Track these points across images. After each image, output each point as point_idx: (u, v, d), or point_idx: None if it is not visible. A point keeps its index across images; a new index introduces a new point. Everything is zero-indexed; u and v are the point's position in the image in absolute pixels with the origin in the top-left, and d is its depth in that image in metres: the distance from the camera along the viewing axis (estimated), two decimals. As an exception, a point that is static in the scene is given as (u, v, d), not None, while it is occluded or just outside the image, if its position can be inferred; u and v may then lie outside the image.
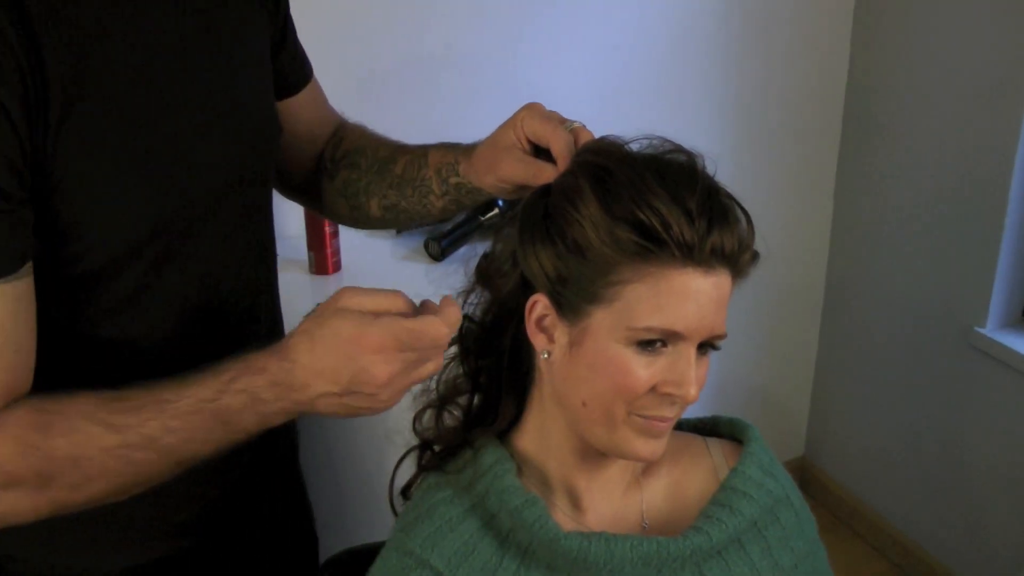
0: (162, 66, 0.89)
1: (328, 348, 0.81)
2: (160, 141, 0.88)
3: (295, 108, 1.15)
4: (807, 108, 2.36)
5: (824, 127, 2.40)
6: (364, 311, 0.82)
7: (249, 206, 1.03)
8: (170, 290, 0.94)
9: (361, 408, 0.84)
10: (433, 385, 0.96)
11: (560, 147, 0.88)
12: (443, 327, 0.83)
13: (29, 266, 0.82)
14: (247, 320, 1.05)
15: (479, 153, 0.99)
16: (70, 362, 0.91)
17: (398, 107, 1.83)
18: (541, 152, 0.92)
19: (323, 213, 1.24)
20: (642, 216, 0.79)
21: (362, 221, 1.18)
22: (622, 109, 2.05)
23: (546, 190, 0.87)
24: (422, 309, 0.85)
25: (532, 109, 0.94)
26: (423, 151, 1.09)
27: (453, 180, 1.04)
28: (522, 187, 0.93)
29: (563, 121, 0.92)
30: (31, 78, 0.78)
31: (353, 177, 1.15)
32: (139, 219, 0.88)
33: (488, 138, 0.98)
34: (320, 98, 1.21)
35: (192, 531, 1.06)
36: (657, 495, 0.95)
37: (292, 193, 1.24)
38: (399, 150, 1.13)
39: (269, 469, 1.16)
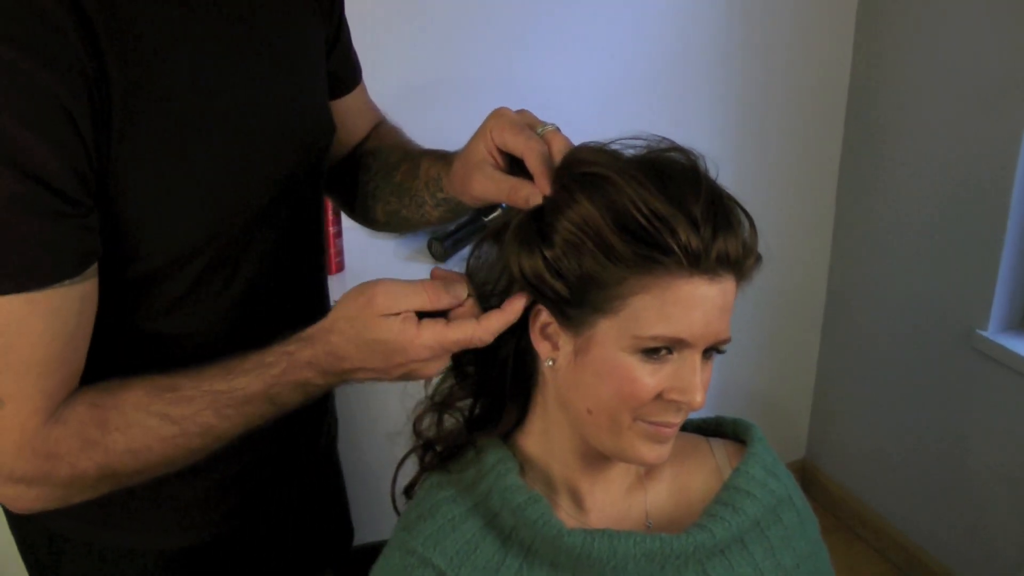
0: (219, 74, 0.90)
1: (376, 353, 0.85)
2: (217, 149, 0.90)
3: (342, 109, 1.16)
4: (809, 111, 2.36)
5: (826, 130, 2.40)
6: (407, 316, 0.84)
7: (302, 206, 1.05)
8: (223, 289, 0.96)
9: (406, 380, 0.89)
10: (430, 392, 0.96)
11: (534, 161, 0.85)
12: (487, 336, 0.85)
13: (94, 267, 0.84)
14: (298, 319, 1.07)
15: (455, 170, 0.98)
16: (122, 354, 0.93)
17: (403, 113, 1.83)
18: (515, 161, 0.89)
19: (345, 211, 1.25)
20: (646, 224, 0.78)
21: (371, 224, 1.20)
22: (623, 111, 2.05)
23: (538, 211, 0.84)
24: (451, 289, 0.86)
25: (500, 117, 0.90)
26: (418, 160, 1.09)
27: (440, 195, 1.04)
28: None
29: (535, 125, 0.89)
30: (96, 90, 0.79)
31: (363, 179, 1.16)
32: (196, 224, 0.90)
33: (461, 152, 0.96)
34: (365, 99, 1.22)
35: (237, 516, 1.09)
36: (661, 495, 0.95)
37: (325, 189, 1.26)
38: (405, 156, 1.12)
39: (311, 460, 1.19)
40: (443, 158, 1.05)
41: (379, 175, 1.14)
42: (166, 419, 0.85)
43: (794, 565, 0.93)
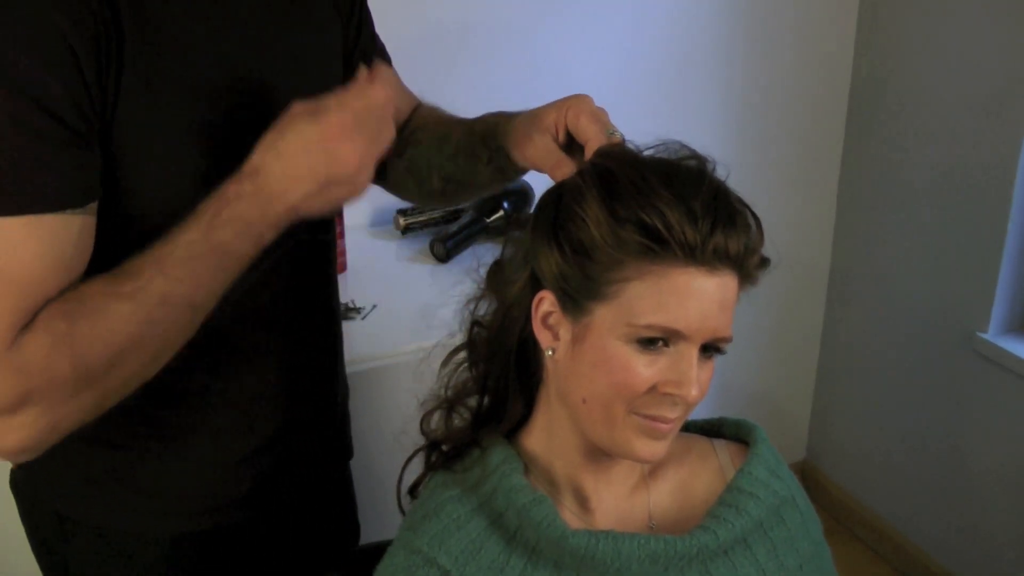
0: (231, 45, 0.92)
1: (298, 151, 0.86)
2: (222, 115, 0.91)
3: None
4: (810, 111, 2.36)
5: (827, 131, 2.40)
6: (313, 110, 0.87)
7: None
8: None
9: (342, 197, 0.89)
10: (442, 389, 0.97)
11: (593, 151, 0.89)
12: (378, 89, 0.89)
13: (94, 206, 0.85)
14: (303, 302, 1.09)
15: (518, 123, 1.01)
16: None
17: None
18: (575, 145, 0.93)
19: (396, 193, 1.26)
20: (645, 217, 0.80)
21: (427, 196, 1.21)
22: (624, 111, 2.03)
23: (560, 191, 0.88)
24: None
25: (583, 102, 0.94)
26: (472, 122, 1.12)
27: (494, 144, 1.06)
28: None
29: (607, 126, 0.92)
30: (106, 42, 0.82)
31: (416, 153, 1.18)
32: (196, 186, 0.90)
33: (531, 111, 0.99)
34: (398, 87, 1.23)
35: (242, 506, 1.10)
36: (664, 496, 0.96)
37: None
38: (458, 123, 1.15)
39: (320, 452, 1.19)
40: (503, 113, 1.08)
41: (432, 146, 1.16)
42: (122, 297, 0.83)
43: (797, 566, 0.94)
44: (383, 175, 1.24)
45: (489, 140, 1.07)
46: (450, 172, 1.13)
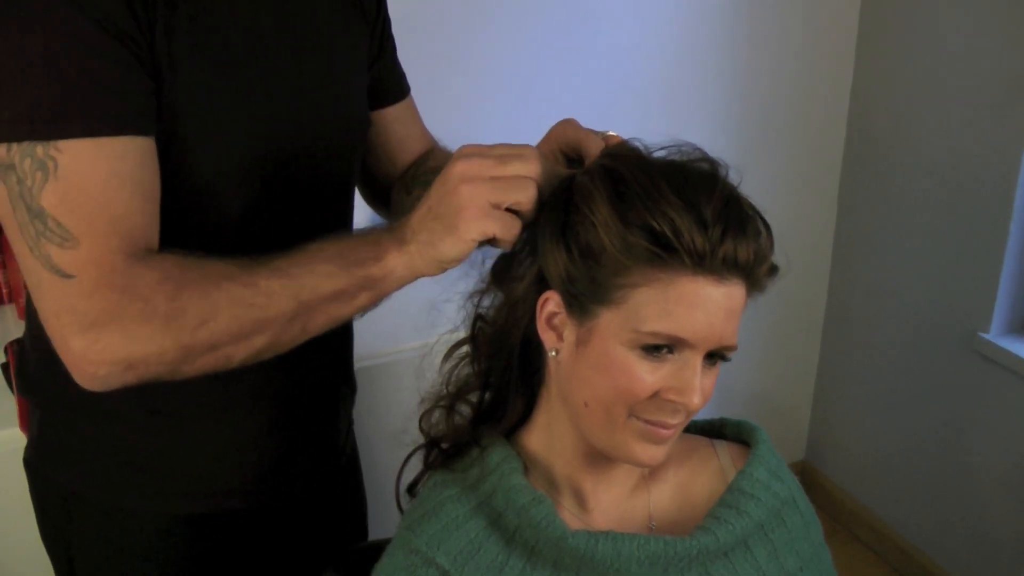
0: (268, 30, 0.96)
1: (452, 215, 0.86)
2: (262, 86, 0.95)
3: (388, 120, 1.21)
4: (811, 113, 2.36)
5: (828, 132, 2.40)
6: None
7: (332, 179, 1.09)
8: (272, 221, 0.99)
9: (453, 218, 0.85)
10: (444, 386, 0.97)
11: (592, 152, 0.90)
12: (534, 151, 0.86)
13: (152, 140, 0.87)
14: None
15: None
16: None
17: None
18: (575, 165, 0.94)
19: None
20: (654, 223, 0.79)
21: None
22: (622, 118, 2.04)
23: (570, 190, 0.87)
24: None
25: (567, 123, 0.96)
26: None
27: None
28: None
29: (597, 132, 0.93)
30: (154, 27, 0.86)
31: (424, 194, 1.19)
32: (242, 146, 0.94)
33: None
34: (414, 117, 1.26)
35: (242, 494, 1.11)
36: (664, 497, 0.95)
37: (376, 204, 1.31)
38: None
39: (323, 446, 1.20)
40: None
41: None
42: (248, 286, 0.85)
43: (797, 568, 0.93)
44: (388, 206, 1.27)
45: None
46: None
